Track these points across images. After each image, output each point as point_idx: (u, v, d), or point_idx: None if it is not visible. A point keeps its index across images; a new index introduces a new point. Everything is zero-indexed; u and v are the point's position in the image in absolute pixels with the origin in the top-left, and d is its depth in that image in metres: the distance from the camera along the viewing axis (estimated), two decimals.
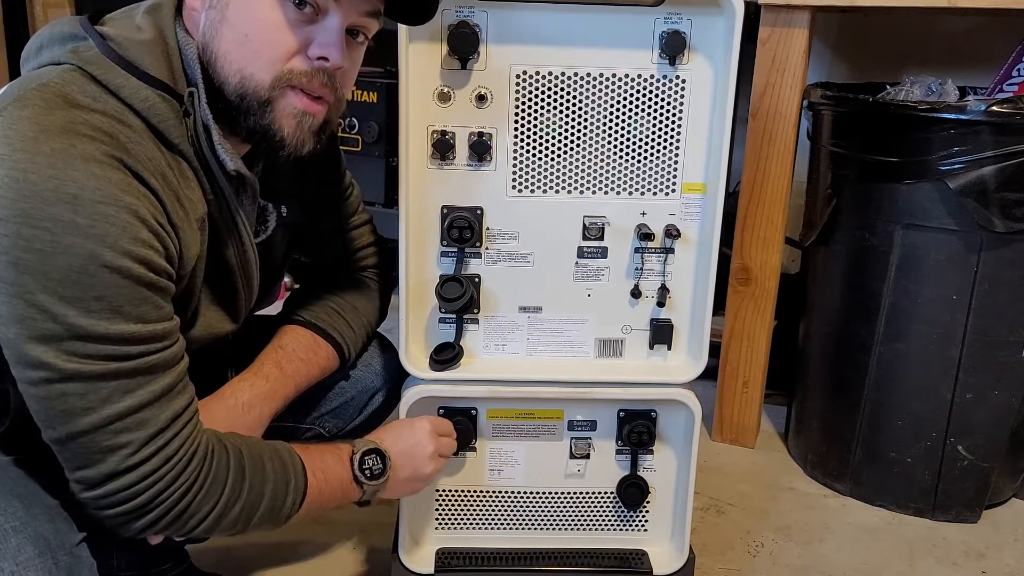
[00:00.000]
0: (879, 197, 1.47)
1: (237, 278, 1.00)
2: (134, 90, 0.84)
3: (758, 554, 1.43)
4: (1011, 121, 1.33)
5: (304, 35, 0.88)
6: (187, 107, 0.88)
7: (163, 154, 0.86)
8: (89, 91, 0.82)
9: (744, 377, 1.74)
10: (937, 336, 1.46)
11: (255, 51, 0.87)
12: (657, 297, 1.16)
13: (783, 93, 1.59)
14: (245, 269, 1.00)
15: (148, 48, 0.87)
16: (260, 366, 1.08)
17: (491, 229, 1.13)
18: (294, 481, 0.94)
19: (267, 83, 0.88)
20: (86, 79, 0.83)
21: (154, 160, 0.84)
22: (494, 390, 1.16)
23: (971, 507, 1.54)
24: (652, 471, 1.23)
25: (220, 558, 1.33)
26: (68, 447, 0.81)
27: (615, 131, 1.10)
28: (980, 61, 1.89)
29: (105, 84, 0.83)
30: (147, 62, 0.86)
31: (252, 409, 1.04)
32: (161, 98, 0.85)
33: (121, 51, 0.85)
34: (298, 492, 0.95)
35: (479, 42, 1.05)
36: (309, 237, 1.18)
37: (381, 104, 1.91)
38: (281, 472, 0.93)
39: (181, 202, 0.87)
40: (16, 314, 0.77)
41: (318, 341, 1.13)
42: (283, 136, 0.90)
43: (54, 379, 0.78)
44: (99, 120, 0.81)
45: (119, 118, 0.82)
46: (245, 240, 0.98)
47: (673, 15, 1.06)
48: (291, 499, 0.94)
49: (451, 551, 1.24)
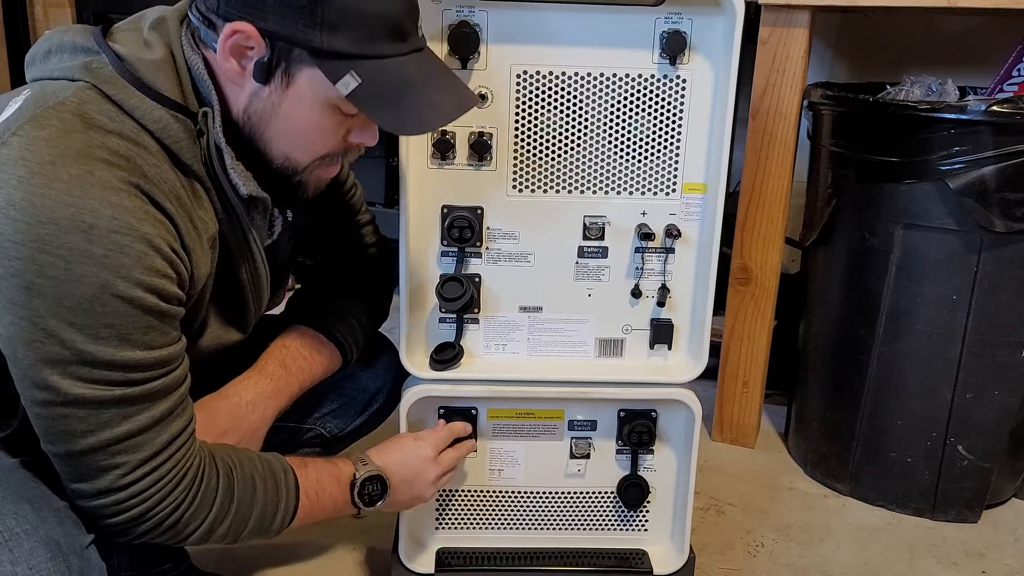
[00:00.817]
0: (879, 197, 1.47)
1: (248, 293, 1.01)
2: (148, 111, 0.85)
3: (758, 554, 1.43)
4: (1011, 121, 1.33)
5: (346, 127, 0.93)
6: (201, 127, 0.88)
7: (177, 176, 0.87)
8: (106, 111, 0.83)
9: (744, 377, 1.74)
10: (937, 336, 1.46)
11: (303, 145, 0.93)
12: (657, 297, 1.16)
13: (783, 93, 1.59)
14: (256, 286, 1.02)
15: (159, 68, 0.87)
16: (264, 365, 1.08)
17: (491, 229, 1.13)
18: (284, 502, 0.96)
19: (307, 164, 0.94)
20: (102, 99, 0.84)
21: (169, 182, 0.85)
22: (494, 390, 1.16)
23: (971, 507, 1.54)
24: (652, 471, 1.23)
25: (220, 558, 1.33)
26: (66, 462, 0.84)
27: (616, 131, 1.10)
28: (980, 61, 1.89)
29: (120, 104, 0.84)
30: (159, 82, 0.86)
31: (256, 408, 1.04)
32: (174, 118, 0.86)
33: (134, 70, 0.86)
34: (288, 512, 0.97)
35: (479, 42, 1.05)
36: (313, 238, 1.18)
37: None
38: (272, 492, 0.95)
39: (194, 223, 0.89)
40: (25, 337, 0.78)
41: (321, 341, 1.13)
42: (307, 193, 0.98)
43: (58, 402, 0.80)
44: (116, 143, 0.82)
45: (135, 139, 0.83)
46: (257, 257, 0.99)
47: (674, 15, 1.06)
48: (280, 518, 0.97)
49: (451, 551, 1.24)
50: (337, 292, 1.19)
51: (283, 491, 0.96)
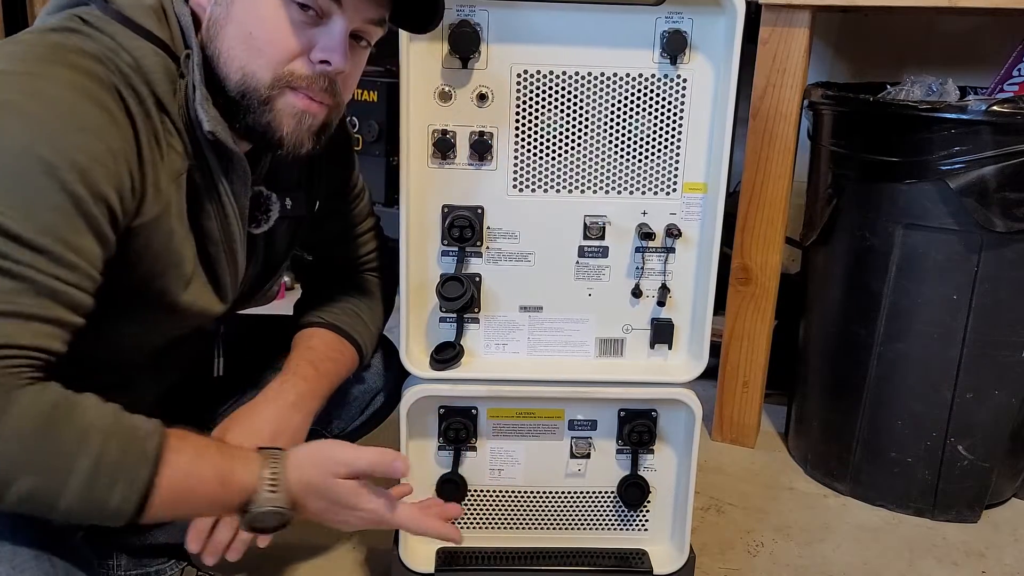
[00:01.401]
0: (879, 197, 1.47)
1: (220, 251, 0.96)
2: (128, 38, 0.84)
3: (758, 554, 1.43)
4: (1012, 121, 1.33)
5: (307, 38, 0.87)
6: (182, 69, 0.87)
7: (150, 96, 0.84)
8: (84, 30, 0.83)
9: (744, 377, 1.74)
10: (937, 336, 1.46)
11: (258, 49, 0.86)
12: (658, 296, 1.16)
13: (784, 93, 1.59)
14: (228, 242, 0.96)
15: (147, 12, 0.87)
16: (296, 367, 1.07)
17: (492, 228, 1.13)
18: (130, 471, 0.75)
19: (267, 81, 0.87)
20: (84, 25, 0.83)
21: (140, 94, 0.83)
22: (494, 389, 1.16)
23: (971, 507, 1.54)
24: (652, 471, 1.23)
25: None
26: None
27: (616, 130, 1.10)
28: (981, 61, 1.88)
29: (101, 29, 0.83)
30: (145, 21, 0.86)
31: (299, 409, 1.03)
32: (154, 52, 0.85)
33: (121, 10, 0.85)
34: (134, 487, 0.75)
35: (480, 41, 1.05)
36: (319, 238, 1.18)
37: (381, 103, 1.91)
38: (116, 454, 0.75)
39: (159, 143, 0.85)
40: None
41: (342, 342, 1.13)
42: (282, 135, 0.90)
43: None
44: (92, 46, 0.81)
45: (112, 50, 0.82)
46: (229, 212, 0.95)
47: (674, 14, 1.06)
48: (121, 491, 0.75)
49: (451, 550, 1.23)
50: (348, 294, 1.18)
51: (132, 458, 0.76)
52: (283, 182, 1.06)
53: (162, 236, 0.87)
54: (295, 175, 1.08)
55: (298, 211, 1.08)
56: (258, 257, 1.07)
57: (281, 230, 1.08)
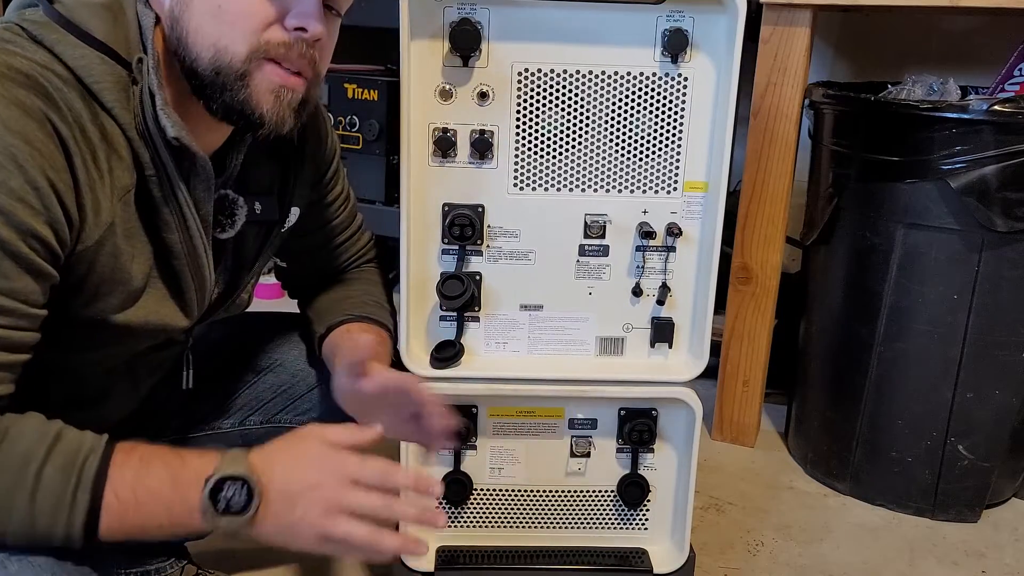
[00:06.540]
0: (880, 196, 1.47)
1: (184, 264, 0.91)
2: (70, 46, 0.80)
3: (758, 553, 1.43)
4: (1013, 120, 1.33)
5: (280, 4, 0.83)
6: (135, 75, 0.83)
7: (88, 110, 0.80)
8: (18, 43, 0.79)
9: (744, 376, 1.74)
10: (938, 336, 1.46)
11: (229, 22, 0.82)
12: (658, 295, 1.16)
13: (784, 92, 1.58)
14: (192, 255, 0.92)
15: (96, 13, 0.83)
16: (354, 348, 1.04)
17: (492, 227, 1.12)
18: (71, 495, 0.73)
19: (243, 55, 0.83)
20: (20, 35, 0.80)
21: (74, 112, 0.78)
22: (495, 388, 1.16)
23: (971, 507, 1.54)
24: (653, 470, 1.23)
25: (220, 558, 1.33)
26: None
27: (617, 129, 1.10)
28: (982, 60, 1.88)
29: (39, 39, 0.79)
30: (92, 25, 0.82)
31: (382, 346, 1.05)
32: (100, 60, 0.81)
33: (66, 12, 0.82)
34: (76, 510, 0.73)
35: (481, 39, 1.05)
36: (320, 239, 1.17)
37: (382, 102, 1.91)
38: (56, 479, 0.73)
39: (97, 163, 0.80)
40: None
41: (382, 333, 1.12)
42: (262, 113, 0.86)
43: None
44: (20, 63, 0.76)
45: (45, 65, 0.78)
46: (191, 224, 0.90)
47: (675, 13, 1.06)
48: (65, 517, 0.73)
49: (451, 549, 1.23)
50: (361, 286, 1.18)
51: (71, 485, 0.73)
52: (253, 185, 1.03)
53: (105, 258, 0.83)
54: (267, 179, 1.05)
55: (268, 215, 1.04)
56: (226, 263, 1.03)
57: (250, 235, 1.04)
